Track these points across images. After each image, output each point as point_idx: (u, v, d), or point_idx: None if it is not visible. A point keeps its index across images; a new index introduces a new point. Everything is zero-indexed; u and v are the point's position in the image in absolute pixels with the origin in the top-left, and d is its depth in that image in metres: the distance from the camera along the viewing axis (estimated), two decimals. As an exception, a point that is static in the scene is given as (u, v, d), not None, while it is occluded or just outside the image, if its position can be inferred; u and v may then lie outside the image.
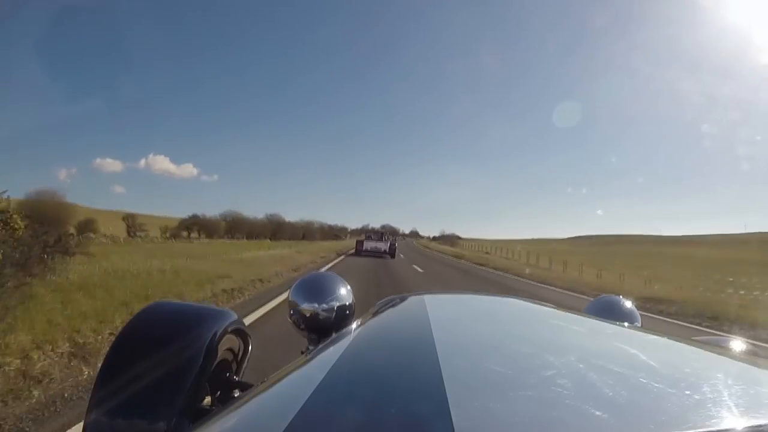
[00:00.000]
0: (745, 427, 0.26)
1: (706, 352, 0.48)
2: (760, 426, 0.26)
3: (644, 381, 0.33)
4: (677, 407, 0.29)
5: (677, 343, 0.49)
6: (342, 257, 17.30)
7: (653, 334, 0.52)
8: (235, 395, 0.61)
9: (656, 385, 0.32)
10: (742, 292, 13.07)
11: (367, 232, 24.93)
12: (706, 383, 0.34)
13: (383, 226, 75.94)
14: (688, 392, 0.31)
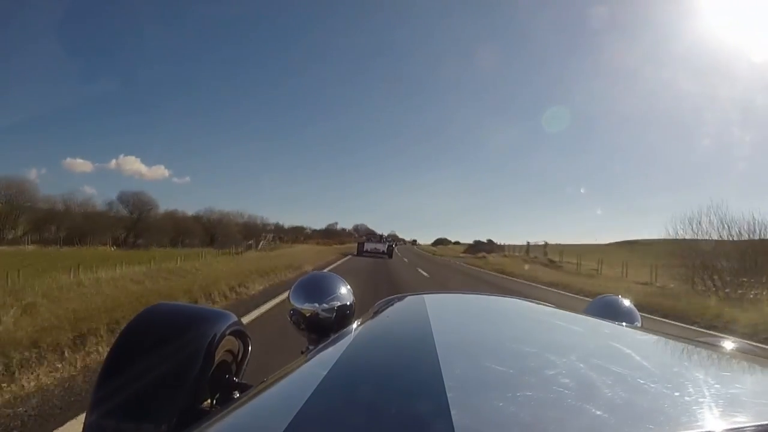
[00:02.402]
0: (746, 427, 0.26)
1: (706, 352, 0.48)
2: (761, 426, 0.26)
3: (644, 381, 0.33)
4: (677, 407, 0.29)
5: (677, 343, 0.49)
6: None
7: (653, 334, 0.52)
8: (235, 396, 0.61)
9: (656, 385, 0.33)
10: None
11: (368, 235, 26.52)
12: (706, 383, 0.34)
13: (356, 227, 68.04)
14: (688, 392, 0.31)
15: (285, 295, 2.89)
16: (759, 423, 0.26)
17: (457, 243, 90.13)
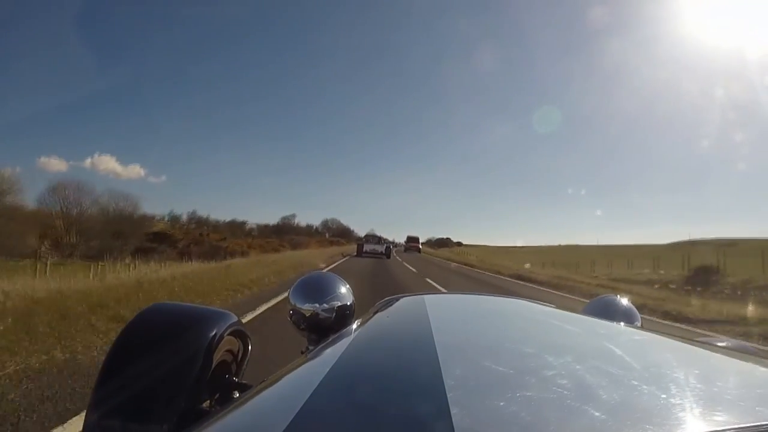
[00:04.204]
0: (745, 427, 0.26)
1: (706, 352, 0.48)
2: (760, 426, 0.26)
3: (644, 381, 0.33)
4: (677, 407, 0.29)
5: (676, 343, 0.49)
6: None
7: (653, 334, 0.52)
8: (235, 396, 0.61)
9: (656, 385, 0.33)
10: None
11: (366, 237, 25.21)
12: (705, 383, 0.35)
13: (326, 222, 58.16)
14: (687, 392, 0.31)
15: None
16: (759, 423, 0.26)
17: (459, 244, 78.42)
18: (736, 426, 0.26)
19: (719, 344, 0.59)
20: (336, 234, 57.46)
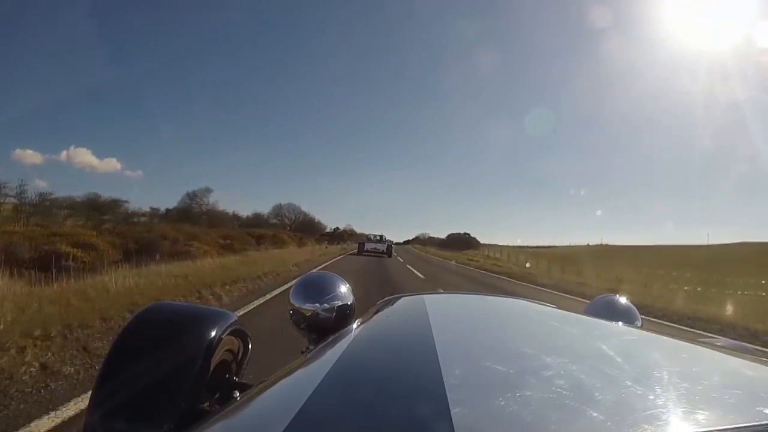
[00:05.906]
0: (744, 426, 0.26)
1: (705, 352, 0.48)
2: (758, 425, 0.26)
3: (643, 382, 0.33)
4: (676, 407, 0.29)
5: (677, 343, 0.49)
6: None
7: (653, 334, 0.52)
8: (235, 396, 0.61)
9: (655, 385, 0.33)
10: None
11: (368, 236, 25.27)
12: (705, 384, 0.35)
13: (278, 207, 42.47)
14: (687, 393, 0.32)
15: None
16: (758, 423, 0.26)
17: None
18: (735, 425, 0.26)
19: (718, 344, 0.59)
20: (298, 228, 37.75)
